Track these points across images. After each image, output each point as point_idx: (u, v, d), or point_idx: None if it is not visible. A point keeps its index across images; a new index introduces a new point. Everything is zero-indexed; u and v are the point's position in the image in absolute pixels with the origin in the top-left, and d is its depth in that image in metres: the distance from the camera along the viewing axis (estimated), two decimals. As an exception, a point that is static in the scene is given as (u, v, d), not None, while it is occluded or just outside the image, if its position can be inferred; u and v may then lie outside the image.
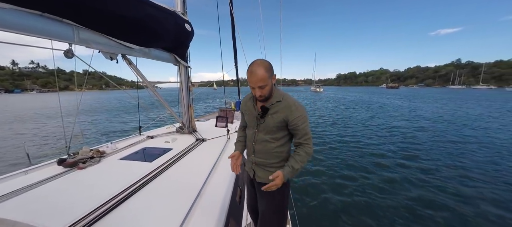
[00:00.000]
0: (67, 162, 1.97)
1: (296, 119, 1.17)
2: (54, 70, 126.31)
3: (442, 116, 12.83)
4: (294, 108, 1.18)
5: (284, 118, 1.18)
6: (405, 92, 50.54)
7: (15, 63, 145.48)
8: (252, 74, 1.12)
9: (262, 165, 1.30)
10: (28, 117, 15.43)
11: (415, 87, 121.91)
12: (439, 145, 6.53)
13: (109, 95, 51.35)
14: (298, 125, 1.17)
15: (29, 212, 1.28)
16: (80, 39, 1.58)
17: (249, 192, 1.51)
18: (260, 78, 1.11)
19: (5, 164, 5.61)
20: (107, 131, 10.00)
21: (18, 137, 9.15)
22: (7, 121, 13.55)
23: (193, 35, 3.01)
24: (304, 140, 1.19)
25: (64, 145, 2.34)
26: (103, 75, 2.99)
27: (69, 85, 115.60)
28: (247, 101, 1.38)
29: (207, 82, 7.48)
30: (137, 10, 1.90)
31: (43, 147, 7.44)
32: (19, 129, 10.77)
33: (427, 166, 4.83)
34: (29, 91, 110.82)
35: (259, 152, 1.29)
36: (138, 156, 2.33)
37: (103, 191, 1.51)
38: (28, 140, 8.41)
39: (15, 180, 1.74)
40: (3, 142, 8.29)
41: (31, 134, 9.57)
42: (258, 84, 1.12)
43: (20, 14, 1.20)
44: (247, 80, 1.17)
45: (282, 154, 1.26)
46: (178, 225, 1.19)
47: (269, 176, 1.22)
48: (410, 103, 21.83)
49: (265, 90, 1.15)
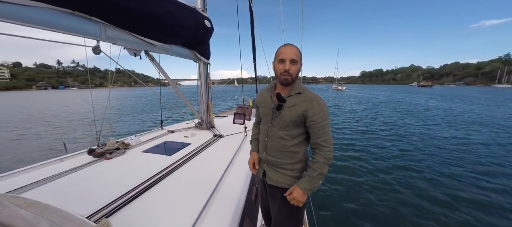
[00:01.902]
0: (96, 152, 2.12)
1: (316, 114, 1.04)
2: (89, 68, 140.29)
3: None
4: (316, 103, 1.06)
5: (303, 112, 1.06)
6: (442, 91, 45.54)
7: (59, 62, 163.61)
8: (286, 46, 1.08)
9: (273, 165, 1.18)
10: (74, 109, 17.32)
11: (452, 86, 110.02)
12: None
13: (137, 92, 55.11)
14: (317, 121, 1.04)
15: (59, 198, 1.38)
16: (106, 36, 1.66)
17: (261, 193, 1.42)
18: (294, 51, 1.06)
19: (53, 151, 6.36)
20: (134, 124, 10.76)
21: (61, 127, 10.30)
22: (60, 113, 15.34)
23: (212, 31, 3.02)
24: (323, 141, 1.05)
25: (96, 137, 2.53)
26: (131, 73, 3.16)
27: (103, 82, 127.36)
28: (264, 93, 1.28)
29: (227, 80, 7.59)
30: (159, 7, 1.94)
31: (79, 136, 8.27)
32: (61, 121, 12.12)
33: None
34: (71, 87, 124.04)
35: (272, 150, 1.17)
36: (159, 149, 2.42)
37: (125, 182, 1.58)
38: (71, 130, 9.44)
39: (52, 167, 1.91)
40: (52, 130, 9.41)
41: (72, 125, 10.70)
42: (291, 56, 1.05)
43: (52, 13, 1.29)
44: (278, 55, 1.10)
45: (297, 155, 1.13)
46: (193, 220, 1.19)
47: (280, 179, 1.14)
48: (459, 105, 18.39)
49: (294, 68, 1.07)
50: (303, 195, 1.04)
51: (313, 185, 1.04)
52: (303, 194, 1.04)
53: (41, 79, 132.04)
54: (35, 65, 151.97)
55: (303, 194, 1.04)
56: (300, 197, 1.04)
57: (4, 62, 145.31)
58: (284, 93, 1.14)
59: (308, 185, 1.04)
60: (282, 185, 1.16)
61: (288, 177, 1.14)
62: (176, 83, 3.13)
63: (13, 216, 1.03)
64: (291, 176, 1.14)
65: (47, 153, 6.20)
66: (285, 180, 1.15)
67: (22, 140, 7.80)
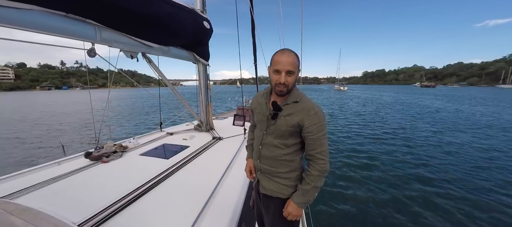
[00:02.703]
0: (93, 155, 2.09)
1: (313, 125, 1.00)
2: (92, 69, 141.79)
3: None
4: (313, 112, 1.01)
5: (298, 122, 1.02)
6: (447, 92, 44.83)
7: (63, 63, 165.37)
8: (283, 55, 0.99)
9: (267, 173, 1.15)
10: (76, 110, 17.42)
11: (455, 86, 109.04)
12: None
13: (138, 92, 55.40)
14: (313, 133, 1.00)
15: (54, 203, 1.36)
16: (102, 39, 1.64)
17: (255, 201, 1.38)
18: (291, 61, 0.97)
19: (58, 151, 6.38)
20: (135, 124, 10.77)
21: (63, 127, 10.35)
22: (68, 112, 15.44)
23: (211, 33, 3.00)
24: (319, 153, 1.01)
25: (94, 139, 2.51)
26: (128, 76, 3.14)
27: (106, 83, 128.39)
28: (259, 98, 1.21)
29: (228, 80, 7.57)
30: (156, 8, 1.92)
31: (77, 139, 8.29)
32: (60, 121, 12.18)
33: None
34: (74, 88, 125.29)
35: (266, 158, 1.14)
36: (157, 152, 2.40)
37: (121, 186, 1.55)
38: (72, 132, 9.47)
39: (49, 170, 1.89)
40: (55, 131, 9.46)
41: (74, 127, 10.74)
42: (287, 67, 0.97)
43: (46, 15, 1.27)
44: (273, 64, 1.02)
45: (292, 164, 1.10)
46: (189, 225, 1.16)
47: (274, 188, 1.11)
48: (468, 107, 17.43)
49: (291, 79, 1.00)
50: (298, 209, 1.02)
51: (307, 198, 1.02)
52: (297, 209, 1.02)
53: (45, 79, 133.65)
54: (39, 66, 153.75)
55: (298, 208, 1.02)
56: (295, 211, 1.02)
57: (8, 63, 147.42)
58: (280, 101, 1.08)
59: (302, 198, 1.02)
60: (276, 195, 1.12)
61: (282, 186, 1.11)
62: (177, 84, 3.11)
63: (3, 224, 1.01)
64: (285, 185, 1.11)
65: (48, 155, 6.23)
66: (278, 189, 1.12)
67: (21, 142, 7.85)
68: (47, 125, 11.42)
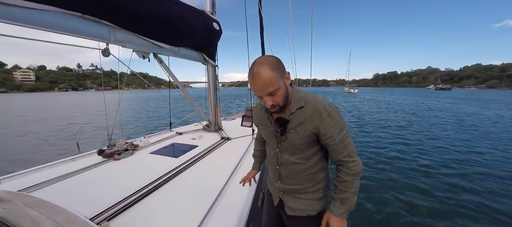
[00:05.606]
0: (105, 152, 2.15)
1: (331, 129, 0.85)
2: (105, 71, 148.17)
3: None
4: (326, 114, 0.85)
5: (313, 130, 0.87)
6: (464, 95, 40.13)
7: (79, 65, 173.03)
8: (255, 78, 0.79)
9: (293, 192, 1.03)
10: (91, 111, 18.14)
11: (473, 89, 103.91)
12: None
13: (149, 94, 56.72)
14: (334, 137, 0.85)
15: (67, 197, 1.41)
16: (115, 39, 1.70)
17: (269, 217, 1.26)
18: (266, 81, 0.77)
19: (67, 150, 6.66)
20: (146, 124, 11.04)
21: (81, 126, 10.78)
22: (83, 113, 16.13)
23: (221, 34, 3.03)
24: (346, 156, 0.88)
25: (108, 137, 2.59)
26: (140, 76, 3.23)
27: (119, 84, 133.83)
28: (259, 111, 1.06)
29: (237, 82, 7.63)
30: (168, 10, 1.96)
31: (92, 137, 8.61)
32: (79, 120, 12.70)
33: None
34: (89, 89, 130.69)
35: (288, 178, 1.01)
36: (167, 151, 2.43)
37: (132, 183, 1.58)
38: (89, 130, 9.85)
39: (64, 166, 1.97)
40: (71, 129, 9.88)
41: (91, 126, 11.16)
42: (265, 90, 0.79)
43: (63, 16, 1.33)
44: (251, 88, 0.87)
45: (319, 175, 0.98)
46: (195, 225, 1.16)
47: (301, 207, 1.01)
48: None
49: (278, 97, 0.83)
50: (340, 221, 0.91)
51: (348, 205, 0.90)
52: (340, 220, 0.91)
53: (63, 81, 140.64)
54: (57, 68, 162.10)
55: (340, 220, 0.91)
56: (339, 224, 0.90)
57: (30, 65, 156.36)
58: (283, 113, 0.94)
59: (342, 208, 0.90)
60: (306, 213, 1.02)
61: (311, 202, 1.01)
62: (187, 86, 3.16)
63: (20, 215, 1.05)
64: (313, 199, 1.01)
65: (63, 152, 6.52)
66: (307, 206, 1.01)
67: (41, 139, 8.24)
68: (72, 124, 11.91)
